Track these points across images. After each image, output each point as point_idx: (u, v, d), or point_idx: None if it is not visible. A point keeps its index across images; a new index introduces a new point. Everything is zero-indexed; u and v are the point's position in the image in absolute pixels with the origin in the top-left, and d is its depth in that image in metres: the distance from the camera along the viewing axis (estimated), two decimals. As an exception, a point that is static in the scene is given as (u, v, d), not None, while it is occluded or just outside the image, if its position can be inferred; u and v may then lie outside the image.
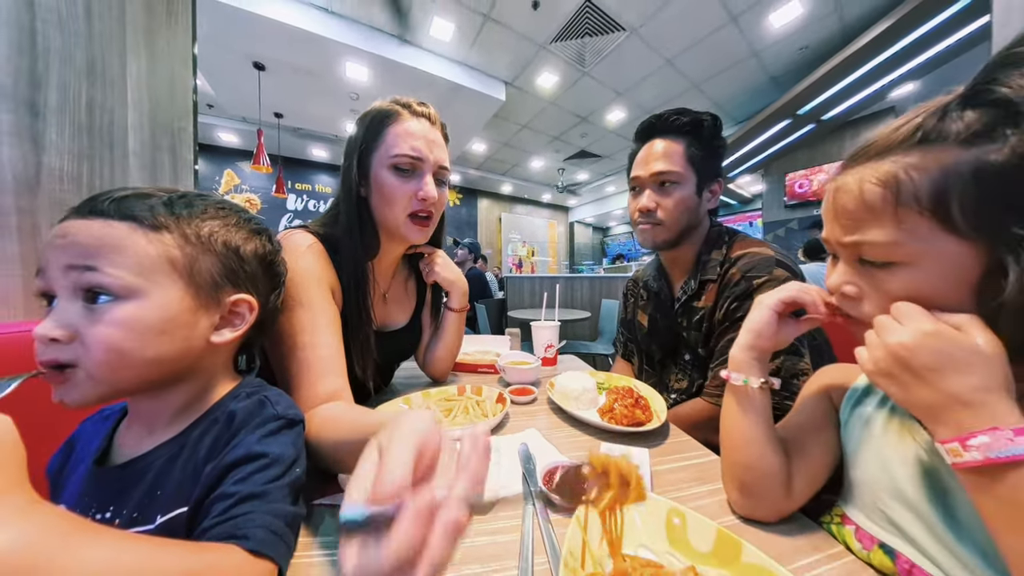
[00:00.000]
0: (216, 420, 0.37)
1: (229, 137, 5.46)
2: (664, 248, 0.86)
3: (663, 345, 0.91)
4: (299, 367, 0.53)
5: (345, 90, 4.05)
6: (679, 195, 0.81)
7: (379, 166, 0.66)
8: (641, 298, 1.03)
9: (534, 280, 4.22)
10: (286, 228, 0.68)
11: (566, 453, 0.57)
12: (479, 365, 1.04)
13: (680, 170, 0.80)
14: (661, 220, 0.82)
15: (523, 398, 0.80)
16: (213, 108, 4.80)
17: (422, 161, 0.66)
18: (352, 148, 0.67)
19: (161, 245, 0.35)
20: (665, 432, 0.66)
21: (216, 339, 0.39)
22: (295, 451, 0.36)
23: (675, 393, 0.87)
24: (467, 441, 0.23)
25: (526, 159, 7.05)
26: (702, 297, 0.81)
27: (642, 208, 0.83)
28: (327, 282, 0.62)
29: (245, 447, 0.34)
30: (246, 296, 0.41)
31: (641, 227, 0.85)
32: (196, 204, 0.38)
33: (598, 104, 4.77)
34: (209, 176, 5.64)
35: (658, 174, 0.81)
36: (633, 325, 1.03)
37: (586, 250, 11.25)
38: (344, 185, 0.68)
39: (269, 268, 0.45)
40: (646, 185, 0.83)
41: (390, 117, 0.66)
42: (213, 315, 0.39)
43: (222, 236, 0.39)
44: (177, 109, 0.95)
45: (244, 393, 0.40)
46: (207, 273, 0.38)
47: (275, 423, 0.37)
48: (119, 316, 0.32)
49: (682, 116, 0.81)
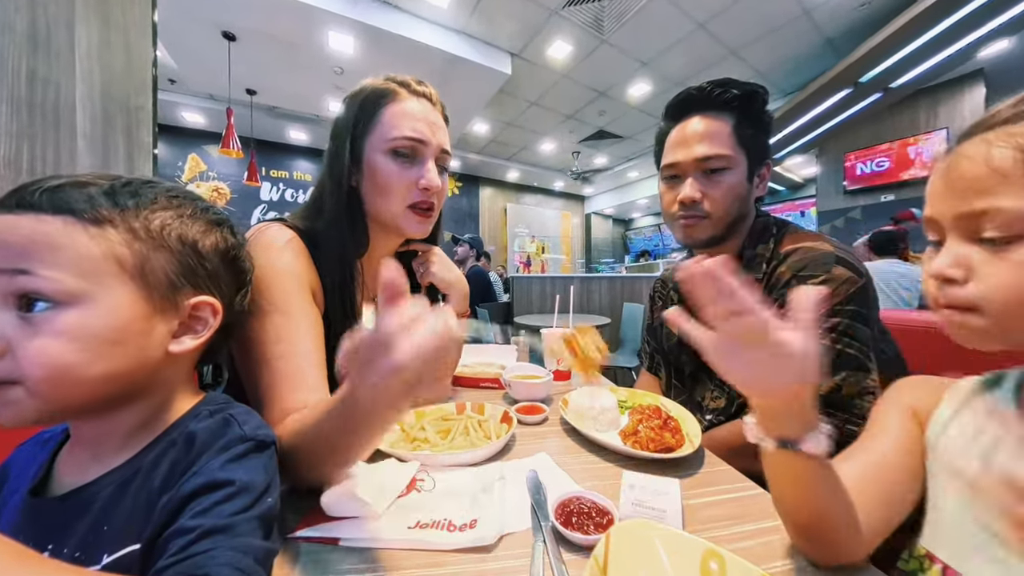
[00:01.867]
0: (173, 443, 0.37)
1: (194, 117, 5.54)
2: (709, 245, 0.84)
3: (697, 356, 0.90)
4: (272, 379, 0.53)
5: (327, 63, 4.09)
6: (729, 182, 0.78)
7: (374, 151, 0.66)
8: (671, 301, 1.01)
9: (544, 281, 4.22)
10: (260, 221, 0.68)
11: (582, 482, 0.57)
12: (481, 379, 1.04)
13: (730, 153, 0.78)
14: (708, 213, 0.79)
15: (532, 417, 0.80)
16: (176, 84, 4.87)
17: (424, 144, 0.67)
18: (341, 130, 0.68)
19: (105, 242, 0.34)
20: (699, 460, 0.65)
21: (175, 348, 0.39)
22: (266, 477, 0.36)
23: (710, 414, 0.85)
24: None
25: (535, 141, 7.05)
26: None
27: (685, 199, 0.80)
28: (308, 283, 0.62)
29: (207, 474, 0.33)
30: (208, 298, 0.41)
31: (683, 222, 0.82)
32: (144, 193, 0.38)
33: (618, 77, 4.76)
34: (171, 161, 5.72)
35: (704, 159, 0.78)
36: (660, 333, 1.02)
37: (605, 246, 11.23)
38: (331, 172, 0.68)
39: (232, 264, 0.45)
40: (687, 172, 0.80)
41: (386, 96, 0.67)
42: (171, 321, 0.38)
43: (176, 229, 0.39)
44: (134, 84, 0.96)
45: (206, 411, 0.40)
46: (161, 273, 0.37)
47: (242, 445, 0.36)
48: (61, 325, 0.32)
49: (729, 88, 0.79)
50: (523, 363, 1.11)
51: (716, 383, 0.86)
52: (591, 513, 0.47)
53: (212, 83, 4.57)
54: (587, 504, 0.48)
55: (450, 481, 0.57)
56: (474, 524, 0.47)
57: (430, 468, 0.60)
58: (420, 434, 0.69)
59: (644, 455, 0.63)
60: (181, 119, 5.60)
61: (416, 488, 0.55)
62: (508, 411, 0.76)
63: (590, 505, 0.48)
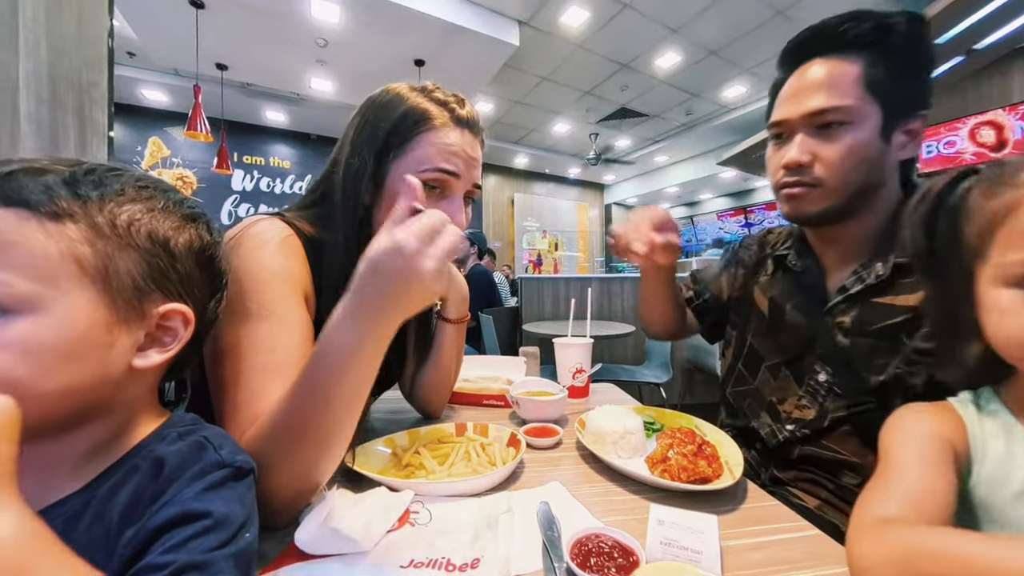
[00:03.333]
0: (136, 468, 0.37)
1: (156, 95, 5.64)
2: (822, 222, 0.79)
3: (787, 348, 0.86)
4: (250, 393, 0.53)
5: (310, 34, 4.15)
6: (850, 140, 0.72)
7: (400, 178, 0.67)
8: (764, 270, 0.96)
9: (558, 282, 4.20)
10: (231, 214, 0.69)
11: (602, 517, 0.56)
12: (484, 396, 1.04)
13: (851, 103, 0.71)
14: (820, 179, 0.74)
15: (543, 441, 0.80)
16: (135, 57, 4.98)
17: (457, 179, 0.68)
18: (364, 144, 0.68)
19: (64, 239, 0.34)
20: (741, 493, 0.64)
21: (140, 363, 0.38)
22: (244, 510, 0.36)
23: (791, 424, 0.82)
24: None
25: (547, 122, 7.07)
26: (895, 290, 0.73)
27: (788, 163, 0.75)
28: (302, 287, 0.63)
29: (180, 504, 0.33)
30: (179, 306, 0.41)
31: (785, 192, 0.78)
32: (109, 182, 0.38)
33: (643, 46, 4.76)
34: (129, 145, 5.82)
35: (815, 113, 0.72)
36: (744, 304, 0.97)
37: (628, 242, 11.19)
38: (345, 183, 0.69)
39: (208, 266, 0.45)
40: (796, 129, 0.75)
41: (424, 121, 0.68)
42: (136, 331, 0.38)
43: (146, 225, 0.39)
44: (86, 58, 0.97)
45: (174, 433, 0.40)
46: (127, 276, 0.37)
47: (219, 472, 0.36)
48: (9, 336, 0.32)
49: (858, 22, 0.72)
50: (533, 377, 1.10)
51: (809, 389, 0.81)
52: (612, 553, 0.46)
53: (177, 57, 4.65)
54: (608, 543, 0.47)
55: (449, 514, 0.56)
56: (476, 564, 0.46)
57: (426, 499, 0.60)
58: (414, 459, 0.69)
59: (675, 486, 0.62)
60: (141, 98, 5.70)
61: (410, 522, 0.55)
62: (516, 433, 0.76)
63: (611, 544, 0.47)
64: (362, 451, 0.69)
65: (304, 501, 0.51)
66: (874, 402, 0.73)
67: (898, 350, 0.71)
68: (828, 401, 0.78)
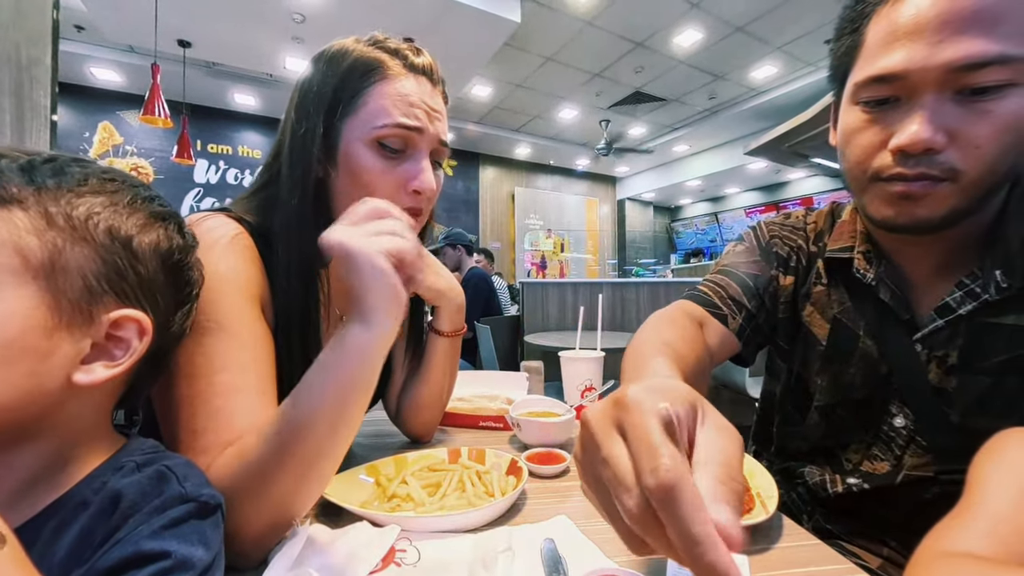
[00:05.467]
0: (85, 504, 0.36)
1: (108, 74, 5.66)
2: (942, 227, 0.61)
3: (853, 387, 0.76)
4: (208, 418, 0.53)
5: (285, 8, 4.18)
6: (1017, 110, 0.53)
7: (355, 139, 0.67)
8: (818, 279, 0.81)
9: (564, 288, 4.21)
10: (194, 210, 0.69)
11: (615, 556, 0.55)
12: (481, 417, 1.04)
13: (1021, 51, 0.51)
14: (956, 169, 0.56)
15: (548, 468, 0.79)
16: (85, 32, 5.00)
17: (419, 134, 0.68)
18: (310, 104, 0.68)
19: (7, 226, 0.34)
20: (776, 531, 0.63)
21: (82, 379, 0.38)
22: (209, 552, 0.36)
23: (857, 477, 0.75)
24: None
25: (552, 108, 7.10)
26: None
27: (914, 145, 0.55)
28: (257, 293, 0.63)
29: (134, 543, 0.33)
30: (134, 312, 0.40)
31: (899, 189, 0.59)
32: (70, 171, 0.38)
33: (661, 21, 4.79)
34: (75, 130, 5.83)
35: (969, 66, 0.52)
36: (791, 325, 0.83)
37: (644, 242, 11.25)
38: (292, 157, 0.68)
39: (176, 272, 0.45)
40: (923, 90, 0.55)
41: (376, 71, 0.67)
42: (80, 340, 0.38)
43: (107, 220, 0.39)
44: (27, 31, 0.96)
45: (132, 463, 0.40)
46: (78, 274, 0.37)
47: (181, 508, 0.36)
48: None
49: None
50: (536, 396, 1.10)
51: (881, 436, 0.74)
52: (629, 599, 0.46)
53: (133, 32, 4.66)
54: (623, 586, 0.47)
55: (440, 552, 0.56)
56: (472, 612, 0.46)
57: (414, 535, 0.59)
58: (401, 489, 0.68)
59: (700, 521, 0.61)
60: (91, 77, 5.73)
61: (395, 561, 0.54)
62: (517, 459, 0.75)
63: (627, 588, 0.47)
64: (341, 480, 0.68)
65: (277, 536, 0.51)
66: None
67: None
68: (907, 455, 0.71)
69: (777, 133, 5.23)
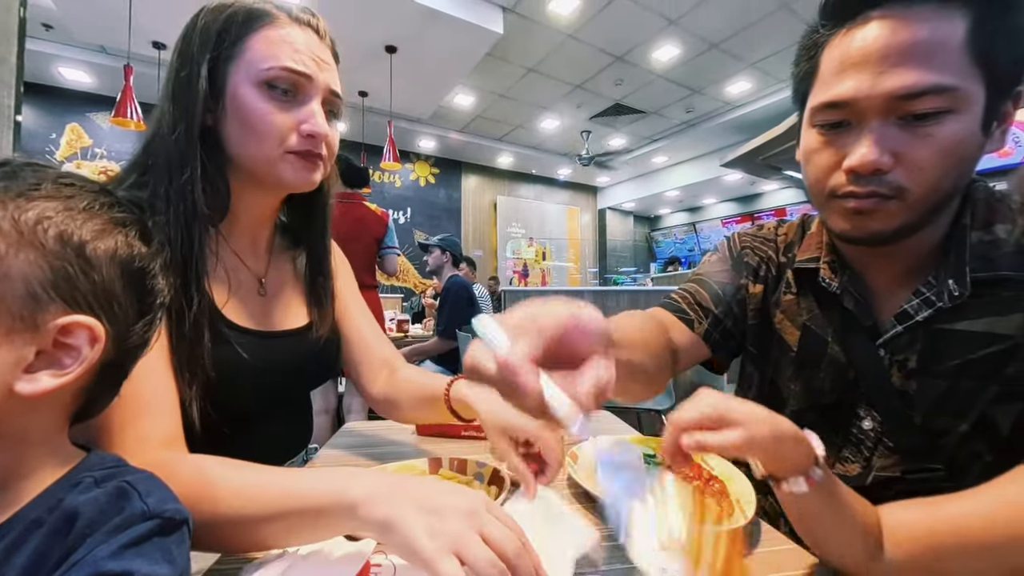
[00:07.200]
0: (39, 523, 0.35)
1: (76, 75, 5.53)
2: (890, 240, 0.66)
3: (822, 392, 0.78)
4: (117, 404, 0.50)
5: (267, 16, 4.13)
6: (951, 136, 0.57)
7: (241, 81, 0.66)
8: (788, 288, 0.83)
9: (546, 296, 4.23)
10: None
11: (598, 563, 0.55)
12: (463, 427, 1.01)
13: (957, 81, 0.56)
14: (902, 187, 0.60)
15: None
16: (53, 30, 4.87)
17: (308, 80, 0.68)
18: (194, 49, 0.67)
19: None
20: (754, 535, 0.64)
21: (25, 388, 0.36)
22: (174, 570, 0.35)
23: None
24: None
25: (534, 118, 7.15)
26: (978, 312, 0.65)
27: (863, 167, 0.60)
28: None
29: (92, 565, 0.32)
30: (84, 318, 0.39)
31: (852, 204, 0.63)
32: (23, 175, 0.38)
33: (640, 36, 4.87)
34: (41, 132, 5.67)
35: (908, 96, 0.56)
36: (762, 332, 0.86)
37: (625, 250, 11.36)
38: (176, 105, 0.66)
39: (137, 280, 0.43)
40: (870, 115, 0.60)
41: (261, 19, 0.67)
42: (22, 347, 0.36)
43: (58, 225, 0.38)
44: (-9, 30, 0.95)
45: (90, 479, 0.38)
46: (20, 280, 0.36)
47: (143, 525, 0.35)
48: None
49: None
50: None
51: (855, 441, 0.75)
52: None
53: (105, 32, 4.57)
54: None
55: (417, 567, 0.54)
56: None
57: (389, 549, 0.57)
58: (379, 501, 0.67)
59: (680, 528, 0.61)
60: (59, 77, 5.58)
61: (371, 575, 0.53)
62: (499, 469, 0.75)
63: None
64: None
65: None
66: (941, 469, 0.67)
67: (986, 392, 0.63)
68: (876, 456, 0.72)
69: (751, 146, 5.36)
